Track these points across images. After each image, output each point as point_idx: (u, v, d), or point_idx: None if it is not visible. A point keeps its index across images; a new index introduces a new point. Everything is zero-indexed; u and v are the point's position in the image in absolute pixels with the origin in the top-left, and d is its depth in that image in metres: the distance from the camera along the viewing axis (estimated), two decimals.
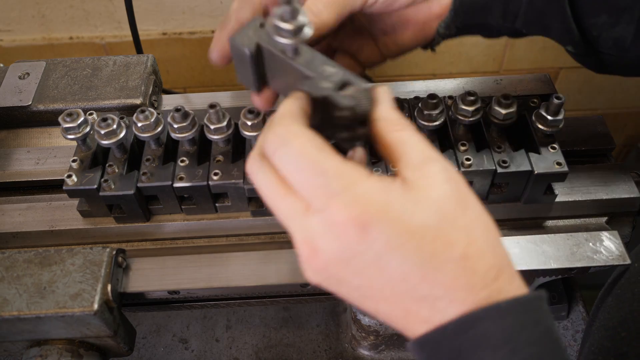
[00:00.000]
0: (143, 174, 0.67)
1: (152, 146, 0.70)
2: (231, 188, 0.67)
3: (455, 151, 0.67)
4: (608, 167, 0.75)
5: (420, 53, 0.75)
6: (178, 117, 0.65)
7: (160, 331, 0.98)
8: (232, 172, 0.67)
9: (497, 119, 0.66)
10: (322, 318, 1.00)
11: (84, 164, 0.68)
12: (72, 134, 0.67)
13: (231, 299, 0.74)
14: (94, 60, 0.84)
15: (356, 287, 0.45)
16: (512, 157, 0.67)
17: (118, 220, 0.71)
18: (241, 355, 0.96)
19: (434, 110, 0.66)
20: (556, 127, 0.66)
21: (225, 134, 0.66)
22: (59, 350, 0.64)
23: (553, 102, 0.64)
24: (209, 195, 0.68)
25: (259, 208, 0.70)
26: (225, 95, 0.86)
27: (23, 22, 1.53)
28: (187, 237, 0.73)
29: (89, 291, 0.61)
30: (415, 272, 0.42)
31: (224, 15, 0.66)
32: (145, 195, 0.69)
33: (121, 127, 0.67)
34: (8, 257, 0.64)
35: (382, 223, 0.41)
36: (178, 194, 0.68)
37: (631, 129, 1.87)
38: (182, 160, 0.68)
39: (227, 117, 0.66)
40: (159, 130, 0.67)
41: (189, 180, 0.67)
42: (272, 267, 0.68)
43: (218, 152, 0.69)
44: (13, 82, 0.81)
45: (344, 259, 0.43)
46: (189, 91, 1.71)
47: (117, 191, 0.66)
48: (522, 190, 0.69)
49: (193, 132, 0.67)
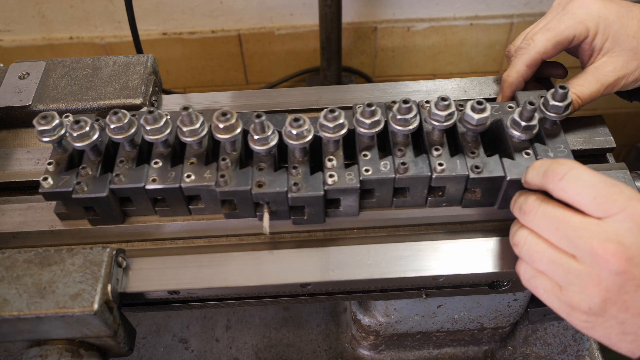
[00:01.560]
0: (116, 176, 0.67)
1: (126, 148, 0.69)
2: (204, 190, 0.67)
3: (428, 156, 0.67)
4: (608, 167, 0.75)
5: (420, 53, 0.75)
6: (150, 119, 0.65)
7: (160, 331, 0.98)
8: (205, 174, 0.66)
9: (470, 124, 0.66)
10: (322, 318, 1.00)
11: (60, 166, 0.68)
12: (47, 137, 0.66)
13: (231, 299, 0.74)
14: (94, 60, 0.84)
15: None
16: (486, 162, 0.66)
17: (93, 223, 0.71)
18: (241, 355, 0.96)
19: (408, 115, 0.65)
20: (530, 133, 0.66)
21: (198, 136, 0.66)
22: (59, 350, 0.64)
23: (526, 107, 0.64)
24: (182, 197, 0.68)
25: (232, 211, 0.70)
26: (225, 95, 0.86)
27: (23, 22, 1.53)
28: (187, 237, 0.73)
29: (89, 291, 0.61)
30: None
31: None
32: (119, 197, 0.69)
33: (94, 130, 0.67)
34: (8, 257, 0.64)
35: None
36: (150, 196, 0.68)
37: (631, 129, 1.87)
38: (156, 162, 0.68)
39: (200, 119, 0.66)
40: (132, 132, 0.67)
41: (161, 182, 0.66)
42: (272, 267, 0.68)
43: (192, 154, 0.68)
44: (13, 82, 0.81)
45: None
46: (189, 91, 1.71)
47: (89, 193, 0.66)
48: (496, 196, 0.69)
49: (166, 134, 0.66)
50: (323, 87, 0.86)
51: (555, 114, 0.66)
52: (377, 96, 0.83)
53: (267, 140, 0.65)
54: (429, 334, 0.93)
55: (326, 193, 0.66)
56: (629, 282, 0.51)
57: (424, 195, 0.69)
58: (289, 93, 0.85)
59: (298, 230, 0.72)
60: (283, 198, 0.66)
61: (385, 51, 1.66)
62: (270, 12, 1.57)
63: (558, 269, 0.55)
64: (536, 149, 0.67)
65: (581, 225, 0.53)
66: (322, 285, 0.68)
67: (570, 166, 0.56)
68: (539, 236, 0.58)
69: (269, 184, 0.65)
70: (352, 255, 0.68)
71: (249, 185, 0.65)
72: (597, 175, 0.55)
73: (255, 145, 0.66)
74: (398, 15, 1.58)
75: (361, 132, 0.66)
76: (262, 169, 0.67)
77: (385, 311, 0.87)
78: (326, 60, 1.54)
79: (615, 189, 0.53)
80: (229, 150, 0.68)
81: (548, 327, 0.94)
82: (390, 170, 0.65)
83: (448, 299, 0.83)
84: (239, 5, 1.54)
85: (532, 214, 0.58)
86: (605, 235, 0.52)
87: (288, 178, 0.66)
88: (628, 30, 0.73)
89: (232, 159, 0.67)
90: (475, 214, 0.71)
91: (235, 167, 0.67)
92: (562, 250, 0.55)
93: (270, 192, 0.65)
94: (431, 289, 0.73)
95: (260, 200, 0.67)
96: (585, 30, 0.73)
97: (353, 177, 0.65)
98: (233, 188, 0.65)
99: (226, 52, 1.64)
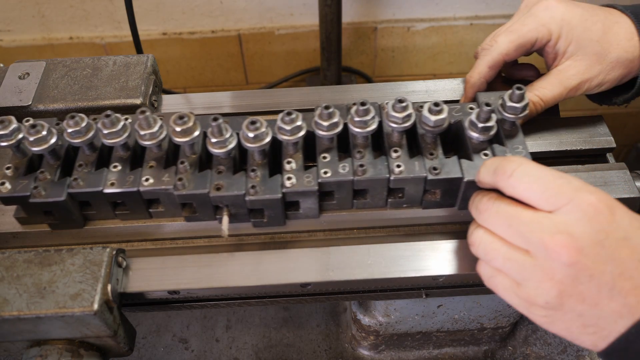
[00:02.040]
0: (74, 180, 0.67)
1: (85, 152, 0.69)
2: (162, 194, 0.67)
3: (387, 157, 0.67)
4: (608, 167, 0.75)
5: (420, 53, 0.75)
6: (107, 122, 0.65)
7: (160, 331, 0.98)
8: (164, 178, 0.66)
9: (428, 125, 0.66)
10: (322, 318, 1.00)
11: (19, 170, 0.68)
12: (5, 141, 0.66)
13: (231, 299, 0.74)
14: (94, 60, 0.84)
15: (607, 281, 0.50)
16: (444, 163, 0.66)
17: (53, 227, 0.71)
18: (241, 355, 0.96)
19: (366, 117, 0.65)
20: (487, 134, 0.66)
21: (156, 139, 0.66)
22: (59, 350, 0.64)
23: (483, 109, 0.64)
24: (141, 200, 0.68)
25: (192, 214, 0.70)
26: (225, 95, 0.86)
27: (23, 22, 1.53)
28: (187, 237, 0.73)
29: (89, 291, 0.61)
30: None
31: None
32: (79, 201, 0.69)
33: (52, 134, 0.66)
34: (8, 257, 0.64)
35: (621, 207, 0.53)
36: (109, 200, 0.68)
37: (631, 129, 1.87)
38: (115, 165, 0.68)
39: (158, 122, 0.66)
40: (90, 136, 0.67)
41: (119, 186, 0.66)
42: (272, 267, 0.68)
43: (151, 158, 0.68)
44: (13, 82, 0.81)
45: (598, 241, 0.51)
46: (188, 91, 1.71)
47: (47, 198, 0.66)
48: (456, 197, 0.69)
49: (124, 137, 0.66)
50: (323, 87, 0.86)
51: (512, 114, 0.66)
52: (377, 96, 0.83)
53: (225, 143, 0.65)
54: (429, 334, 0.93)
55: (284, 196, 0.65)
56: (581, 273, 0.51)
57: (384, 197, 0.69)
58: (289, 93, 0.85)
59: (261, 232, 0.72)
60: (241, 201, 0.65)
61: (385, 51, 1.66)
62: (270, 12, 1.57)
63: (513, 266, 0.55)
64: (494, 149, 0.67)
65: (532, 220, 0.54)
66: (322, 285, 0.68)
67: (518, 162, 0.56)
68: (493, 234, 0.58)
69: (227, 187, 0.65)
70: (352, 255, 0.68)
71: (206, 188, 0.65)
72: (544, 170, 0.55)
73: (214, 148, 0.65)
74: (398, 15, 1.58)
75: (319, 134, 0.66)
76: (221, 172, 0.66)
77: (385, 311, 0.87)
78: (326, 60, 1.54)
79: (563, 181, 0.54)
80: (188, 154, 0.68)
81: None
82: (349, 172, 0.65)
83: (448, 299, 0.83)
84: (239, 5, 1.54)
85: (487, 213, 0.58)
86: (555, 228, 0.52)
87: (246, 181, 0.66)
88: (592, 34, 0.73)
89: (191, 162, 0.67)
90: (435, 216, 0.71)
91: (194, 171, 0.67)
92: (516, 246, 0.55)
93: (228, 195, 0.65)
94: (431, 289, 0.73)
95: (219, 203, 0.67)
96: (547, 34, 0.73)
97: (311, 179, 0.65)
98: (191, 191, 0.65)
99: (226, 52, 1.64)
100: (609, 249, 0.51)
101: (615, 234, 0.51)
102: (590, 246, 0.51)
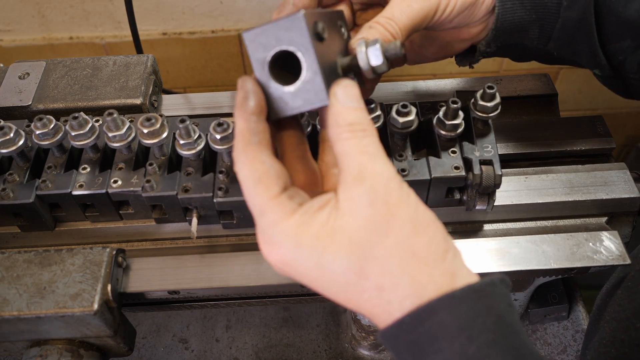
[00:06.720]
0: (42, 182, 0.67)
1: (55, 154, 0.69)
2: (131, 196, 0.67)
3: None
4: (608, 167, 0.75)
5: None
6: (75, 124, 0.65)
7: (160, 331, 0.98)
8: (132, 179, 0.66)
9: (395, 127, 0.66)
10: (322, 318, 1.00)
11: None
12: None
13: (231, 299, 0.74)
14: (94, 60, 0.84)
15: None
16: (413, 164, 0.66)
17: (23, 229, 0.71)
18: (241, 355, 0.96)
19: None
20: (454, 132, 0.66)
21: (125, 141, 0.66)
22: (59, 350, 0.64)
23: (450, 106, 0.65)
24: (110, 202, 0.68)
25: (162, 216, 0.70)
26: (225, 95, 0.86)
27: (23, 22, 1.53)
28: (187, 237, 0.73)
29: (89, 291, 0.61)
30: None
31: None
32: (48, 203, 0.69)
33: (20, 136, 0.66)
34: (8, 257, 0.64)
35: (296, 272, 0.49)
36: (78, 201, 0.68)
37: (631, 129, 1.87)
38: (84, 167, 0.68)
39: (126, 124, 0.66)
40: (58, 138, 0.67)
41: (88, 188, 0.66)
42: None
43: (120, 160, 0.69)
44: (13, 82, 0.81)
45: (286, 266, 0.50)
46: (189, 91, 1.71)
47: (15, 200, 0.66)
48: (426, 194, 0.69)
49: (92, 139, 0.66)
50: None
51: (483, 113, 0.66)
52: (377, 96, 0.83)
53: (194, 145, 0.65)
54: None
55: None
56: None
57: None
58: None
59: (234, 234, 0.72)
60: (210, 203, 0.66)
61: None
62: (270, 12, 1.57)
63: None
64: (463, 147, 0.67)
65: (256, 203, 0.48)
66: None
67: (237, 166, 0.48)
68: None
69: (195, 188, 0.65)
70: None
71: (174, 190, 0.65)
72: (246, 188, 0.48)
73: (182, 150, 0.66)
74: None
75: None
76: (189, 173, 0.67)
77: None
78: None
79: (253, 211, 0.48)
80: (157, 155, 0.68)
81: (548, 327, 0.94)
82: None
83: None
84: (239, 5, 1.54)
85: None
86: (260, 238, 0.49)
87: (215, 182, 0.66)
88: None
89: (160, 164, 0.67)
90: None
91: (163, 172, 0.67)
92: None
93: (196, 197, 0.65)
94: None
95: (188, 205, 0.67)
96: None
97: None
98: (159, 193, 0.65)
99: (226, 52, 1.64)
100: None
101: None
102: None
